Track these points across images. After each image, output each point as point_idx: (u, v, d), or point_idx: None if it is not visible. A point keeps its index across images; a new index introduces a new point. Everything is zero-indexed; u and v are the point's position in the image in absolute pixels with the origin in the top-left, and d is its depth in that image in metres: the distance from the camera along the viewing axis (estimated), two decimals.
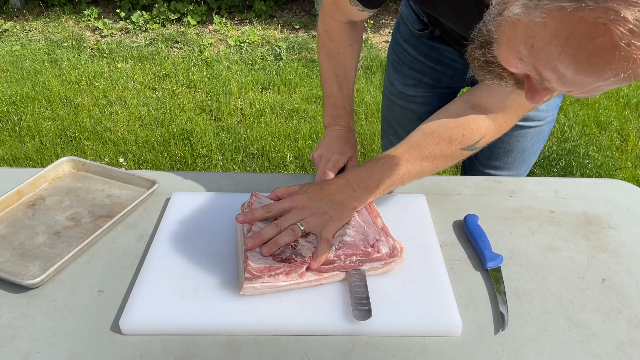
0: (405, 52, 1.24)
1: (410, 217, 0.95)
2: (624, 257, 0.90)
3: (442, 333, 0.75)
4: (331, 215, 0.82)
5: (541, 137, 1.23)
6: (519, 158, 1.25)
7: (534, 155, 1.27)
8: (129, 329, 0.73)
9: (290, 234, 0.79)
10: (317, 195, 0.85)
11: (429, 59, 1.21)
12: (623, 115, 3.08)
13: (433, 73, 1.22)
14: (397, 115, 1.33)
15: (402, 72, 1.26)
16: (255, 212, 0.82)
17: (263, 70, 3.57)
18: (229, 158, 2.65)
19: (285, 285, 0.76)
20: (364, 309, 0.74)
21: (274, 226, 0.80)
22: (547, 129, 1.23)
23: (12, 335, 0.73)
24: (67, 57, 3.70)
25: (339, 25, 1.06)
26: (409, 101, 1.28)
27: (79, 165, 1.07)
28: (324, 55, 1.10)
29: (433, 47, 1.18)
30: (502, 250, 0.90)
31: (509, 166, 1.27)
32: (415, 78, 1.25)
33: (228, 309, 0.75)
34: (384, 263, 0.81)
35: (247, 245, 0.78)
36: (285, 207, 0.83)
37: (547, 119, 1.20)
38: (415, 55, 1.22)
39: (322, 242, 0.79)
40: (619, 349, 0.73)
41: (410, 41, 1.22)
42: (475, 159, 1.33)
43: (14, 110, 3.06)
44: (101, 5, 4.51)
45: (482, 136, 0.88)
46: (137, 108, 3.10)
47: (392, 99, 1.32)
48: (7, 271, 0.81)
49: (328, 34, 1.07)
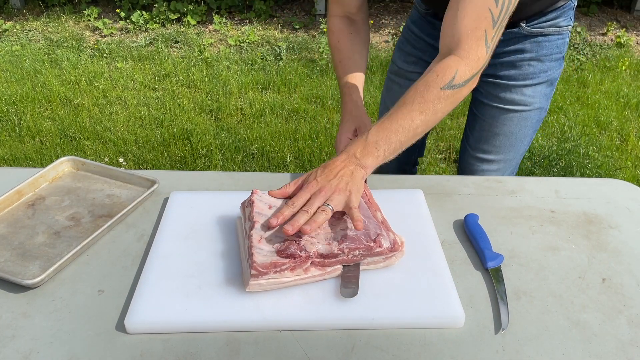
0: (411, 32, 1.32)
1: (408, 211, 0.96)
2: (624, 257, 0.90)
3: (445, 324, 0.75)
4: (349, 189, 0.86)
5: (529, 123, 1.27)
6: (506, 142, 1.30)
7: (521, 141, 1.30)
8: (134, 328, 0.73)
9: (323, 213, 0.82)
10: (328, 175, 0.88)
11: (430, 36, 1.27)
12: (623, 115, 3.08)
13: (433, 51, 1.26)
14: (394, 95, 1.38)
15: (405, 50, 1.34)
16: (284, 211, 0.84)
17: (263, 70, 3.57)
18: (229, 158, 2.65)
19: (290, 280, 0.77)
20: (350, 287, 0.77)
21: (304, 212, 0.82)
22: (534, 116, 1.26)
23: (12, 335, 0.73)
24: (67, 57, 3.70)
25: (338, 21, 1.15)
26: (407, 78, 1.34)
27: (79, 165, 1.07)
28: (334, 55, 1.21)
29: (435, 26, 1.23)
30: (503, 250, 0.90)
31: (496, 150, 1.32)
32: (416, 55, 1.32)
33: (233, 305, 0.76)
34: (384, 257, 0.82)
35: (288, 232, 0.78)
36: (306, 196, 0.86)
37: (533, 105, 1.24)
38: (419, 34, 1.30)
39: (354, 211, 0.83)
40: (619, 349, 0.73)
41: (417, 22, 1.30)
42: (467, 143, 1.38)
43: (14, 110, 3.06)
44: (101, 5, 4.51)
45: (456, 71, 0.91)
46: (137, 108, 3.10)
47: (392, 77, 1.39)
48: (7, 271, 0.81)
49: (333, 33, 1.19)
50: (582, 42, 3.95)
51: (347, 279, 0.79)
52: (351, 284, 0.78)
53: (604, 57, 3.77)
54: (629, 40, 4.00)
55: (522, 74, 1.19)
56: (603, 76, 3.52)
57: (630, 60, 3.73)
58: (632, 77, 3.55)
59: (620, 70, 3.61)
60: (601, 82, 3.45)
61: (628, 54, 3.85)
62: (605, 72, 3.59)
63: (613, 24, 4.19)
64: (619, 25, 4.26)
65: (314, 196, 0.85)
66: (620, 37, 3.99)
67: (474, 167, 1.37)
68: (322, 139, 2.78)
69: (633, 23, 4.30)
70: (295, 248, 0.78)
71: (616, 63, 3.69)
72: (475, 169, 1.38)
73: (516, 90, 1.21)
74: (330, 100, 3.17)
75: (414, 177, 1.11)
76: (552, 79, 1.22)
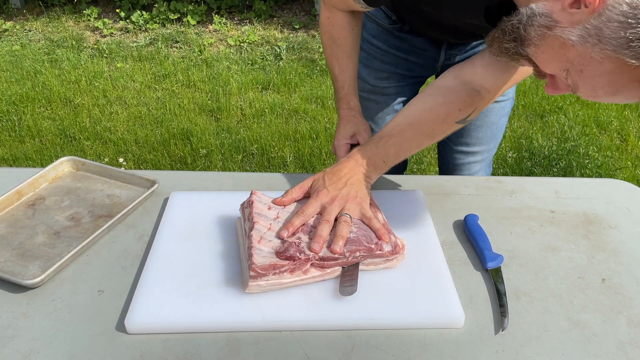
0: (376, 47, 1.27)
1: (408, 212, 0.96)
2: (624, 257, 0.90)
3: (444, 325, 0.75)
4: (359, 196, 0.88)
5: (505, 112, 1.32)
6: (488, 133, 1.33)
7: (500, 130, 1.35)
8: (134, 328, 0.73)
9: (346, 225, 0.83)
10: (337, 183, 0.89)
11: (400, 50, 1.25)
12: (623, 115, 3.08)
13: (405, 63, 1.26)
14: (372, 112, 1.36)
15: (374, 66, 1.30)
16: (294, 221, 0.84)
17: (263, 70, 3.57)
18: (229, 158, 2.65)
19: (290, 282, 0.77)
20: (349, 286, 0.77)
21: (325, 222, 0.83)
22: (509, 106, 1.31)
23: (12, 335, 0.73)
24: (67, 57, 3.70)
25: (340, 13, 1.11)
26: (383, 94, 1.33)
27: (79, 165, 1.07)
28: (326, 41, 1.15)
29: (404, 39, 1.22)
30: (502, 250, 0.90)
31: (479, 141, 1.34)
32: (388, 70, 1.29)
33: (233, 305, 0.76)
34: (385, 260, 0.82)
35: (316, 251, 0.79)
36: (317, 205, 0.87)
37: (508, 94, 1.28)
38: (385, 49, 1.26)
39: (372, 220, 0.85)
40: (619, 349, 0.73)
41: (380, 36, 1.26)
42: (447, 139, 1.36)
43: (14, 110, 3.06)
44: (101, 5, 4.51)
45: (474, 109, 0.94)
46: (137, 108, 3.10)
47: (366, 95, 1.35)
48: (7, 271, 0.81)
49: (330, 20, 1.12)
50: None
51: (345, 278, 0.79)
52: (349, 283, 0.78)
53: None
54: None
55: None
56: None
57: None
58: None
59: None
60: None
61: None
62: None
63: None
64: None
65: (329, 205, 0.86)
66: None
67: (457, 161, 1.38)
68: (322, 139, 2.78)
69: None
70: (294, 250, 0.78)
71: None
72: (459, 163, 1.38)
73: None
74: (330, 100, 3.17)
75: (413, 177, 1.11)
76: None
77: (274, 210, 0.87)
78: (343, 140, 1.11)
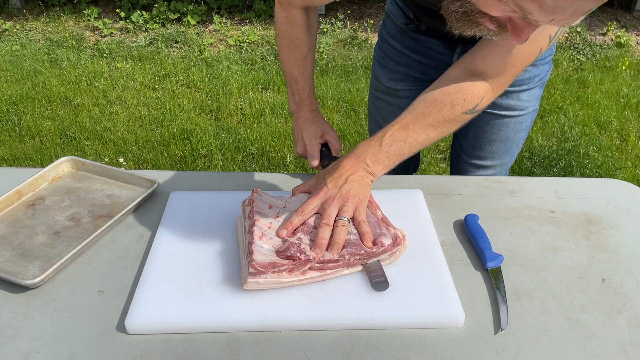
0: (392, 47, 1.26)
1: (408, 211, 0.96)
2: (624, 257, 0.90)
3: (445, 324, 0.75)
4: (359, 197, 0.87)
5: (524, 126, 1.27)
6: (502, 147, 1.29)
7: (517, 145, 1.30)
8: (134, 328, 0.73)
9: (343, 228, 0.83)
10: (337, 180, 0.88)
11: (415, 52, 1.23)
12: (623, 115, 3.08)
13: (419, 66, 1.25)
14: (383, 112, 1.35)
15: (389, 67, 1.29)
16: (293, 220, 0.84)
17: (263, 70, 3.57)
18: (229, 158, 2.65)
19: (288, 281, 0.77)
20: (381, 281, 0.78)
21: (325, 226, 0.83)
22: (529, 119, 1.26)
23: (12, 335, 0.73)
24: (67, 57, 3.70)
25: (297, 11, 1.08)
26: (396, 96, 1.31)
27: (79, 165, 1.07)
28: (283, 42, 1.12)
29: (419, 41, 1.21)
30: (502, 250, 0.90)
31: (492, 156, 1.31)
32: (402, 72, 1.27)
33: (233, 305, 0.76)
34: (389, 254, 0.82)
35: (318, 255, 0.79)
36: (316, 203, 0.86)
37: (528, 109, 1.23)
38: (401, 50, 1.25)
39: (362, 225, 0.84)
40: (619, 349, 0.73)
41: (397, 36, 1.24)
42: (460, 150, 1.36)
43: (14, 110, 3.06)
44: (101, 5, 4.51)
45: (482, 99, 0.92)
46: (137, 108, 3.10)
47: (379, 95, 1.34)
48: (7, 271, 0.81)
49: (288, 19, 1.09)
50: (582, 42, 3.95)
51: (372, 274, 0.80)
52: (380, 278, 0.79)
53: (604, 57, 3.77)
54: (629, 40, 3.99)
55: (518, 80, 1.17)
56: (603, 76, 3.52)
57: (630, 60, 3.73)
58: (632, 77, 3.55)
59: (620, 70, 3.61)
60: (601, 82, 3.45)
61: (628, 54, 3.85)
62: (605, 72, 3.59)
63: (613, 24, 4.19)
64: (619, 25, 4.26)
65: (328, 205, 0.85)
66: (620, 37, 3.99)
67: (469, 173, 1.36)
68: None
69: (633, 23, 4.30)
70: (295, 250, 0.78)
71: (616, 63, 3.69)
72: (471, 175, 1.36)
73: (512, 96, 1.19)
74: (330, 100, 3.17)
75: (413, 177, 1.11)
76: (544, 81, 1.22)
77: (275, 209, 0.87)
78: (315, 140, 1.10)
